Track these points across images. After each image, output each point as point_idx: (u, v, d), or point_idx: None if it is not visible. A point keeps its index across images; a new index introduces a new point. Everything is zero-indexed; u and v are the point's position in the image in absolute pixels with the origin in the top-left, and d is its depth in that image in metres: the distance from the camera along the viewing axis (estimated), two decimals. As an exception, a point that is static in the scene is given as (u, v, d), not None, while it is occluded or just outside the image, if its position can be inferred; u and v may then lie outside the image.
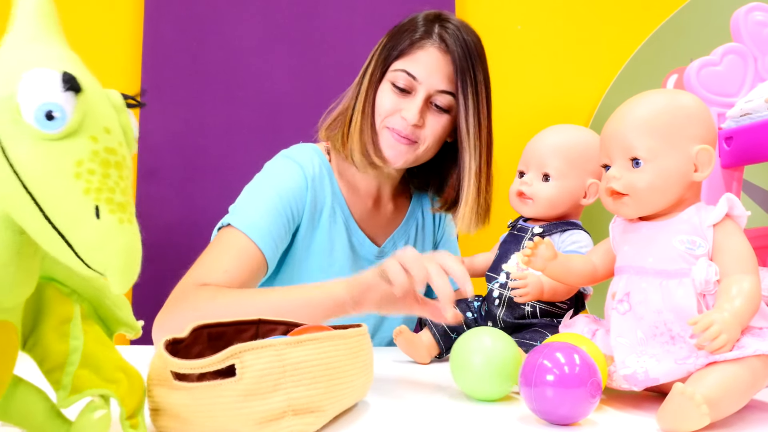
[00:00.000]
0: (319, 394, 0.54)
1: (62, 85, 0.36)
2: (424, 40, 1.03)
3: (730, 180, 1.02)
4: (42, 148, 0.36)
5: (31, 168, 0.36)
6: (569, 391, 0.58)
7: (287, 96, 1.63)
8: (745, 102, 0.97)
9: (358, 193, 1.15)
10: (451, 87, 1.03)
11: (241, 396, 0.49)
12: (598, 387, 0.59)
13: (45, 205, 0.36)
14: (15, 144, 0.36)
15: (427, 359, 0.93)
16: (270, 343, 0.51)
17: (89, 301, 0.49)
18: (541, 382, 0.58)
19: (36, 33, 0.39)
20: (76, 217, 0.36)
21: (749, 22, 1.04)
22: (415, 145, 1.05)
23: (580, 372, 0.58)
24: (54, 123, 0.36)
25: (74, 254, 0.37)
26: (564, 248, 0.88)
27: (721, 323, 0.59)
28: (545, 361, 0.59)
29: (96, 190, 0.37)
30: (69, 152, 0.37)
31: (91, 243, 0.37)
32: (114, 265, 0.37)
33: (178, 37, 1.60)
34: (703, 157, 0.69)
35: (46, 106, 0.36)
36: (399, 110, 1.03)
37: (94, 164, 0.37)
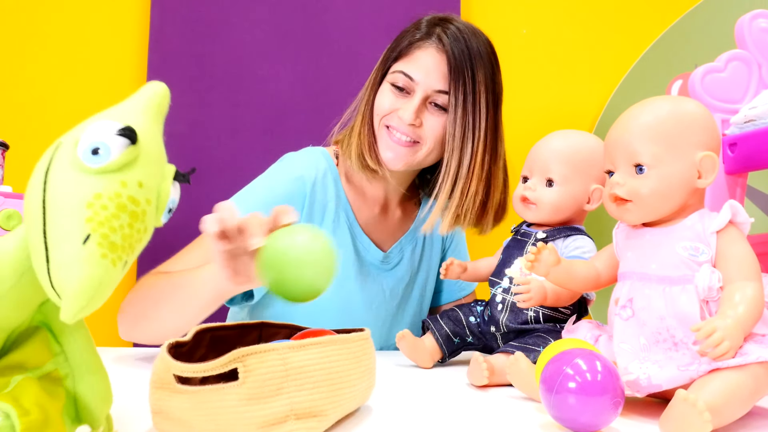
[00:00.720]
0: (322, 399, 0.54)
1: (117, 130, 0.40)
2: (422, 41, 1.03)
3: (734, 186, 1.02)
4: (74, 175, 0.39)
5: (56, 187, 0.39)
6: (592, 398, 0.57)
7: (292, 99, 1.64)
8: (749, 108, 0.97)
9: (365, 198, 1.14)
10: (447, 86, 1.02)
11: (243, 400, 0.49)
12: (621, 394, 0.58)
13: (48, 219, 0.38)
14: (58, 169, 0.39)
15: (429, 363, 0.93)
16: (273, 347, 0.51)
17: (72, 370, 0.46)
18: (563, 389, 0.58)
19: (139, 109, 0.44)
20: (66, 236, 0.38)
21: (754, 29, 1.04)
22: (416, 146, 1.04)
23: (602, 379, 0.57)
24: (95, 158, 0.39)
25: (46, 268, 0.38)
26: (567, 254, 0.88)
27: (724, 330, 0.59)
28: (567, 369, 0.58)
29: (98, 222, 0.38)
30: (94, 185, 0.39)
31: (64, 262, 0.37)
32: (72, 288, 0.37)
33: (184, 40, 1.61)
34: (706, 164, 0.69)
35: (96, 143, 0.39)
36: (397, 110, 1.03)
37: (110, 203, 0.39)
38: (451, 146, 1.02)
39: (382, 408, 0.68)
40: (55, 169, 0.39)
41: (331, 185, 1.10)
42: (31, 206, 0.39)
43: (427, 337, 0.94)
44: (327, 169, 1.11)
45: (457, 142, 1.02)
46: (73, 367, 0.47)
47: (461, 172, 1.03)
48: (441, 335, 0.93)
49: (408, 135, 1.03)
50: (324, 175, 1.10)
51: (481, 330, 0.93)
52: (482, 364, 0.79)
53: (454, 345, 0.94)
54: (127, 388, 0.65)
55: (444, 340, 0.93)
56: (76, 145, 0.39)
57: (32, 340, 0.45)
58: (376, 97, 1.07)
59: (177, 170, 0.46)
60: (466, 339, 0.94)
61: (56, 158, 0.40)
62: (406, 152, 1.04)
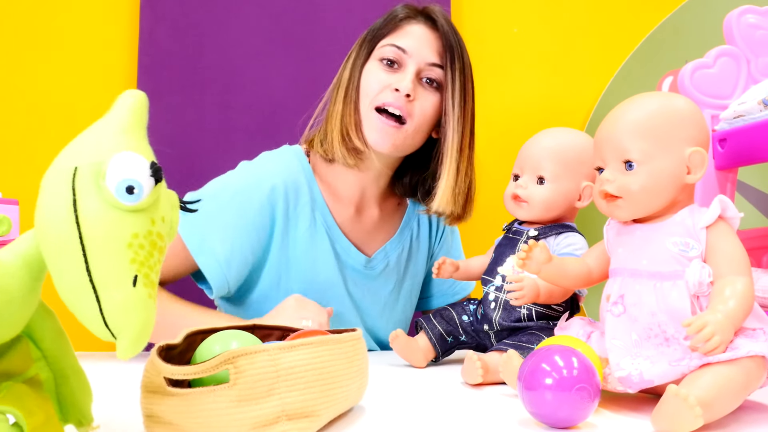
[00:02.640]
0: (314, 399, 0.54)
1: (149, 171, 0.41)
2: (411, 18, 1.04)
3: (725, 181, 1.03)
4: (111, 213, 0.40)
5: (94, 226, 0.39)
6: (568, 394, 0.58)
7: (284, 100, 1.63)
8: (738, 104, 0.97)
9: (340, 199, 1.10)
10: (440, 60, 1.02)
11: (234, 401, 0.49)
12: (597, 390, 0.59)
13: (92, 261, 0.39)
14: (88, 201, 0.39)
15: (423, 363, 0.93)
16: (263, 348, 0.51)
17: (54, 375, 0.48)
18: (539, 385, 0.58)
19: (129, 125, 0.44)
20: (116, 279, 0.39)
21: (742, 24, 1.05)
22: (403, 126, 1.01)
23: (578, 375, 0.58)
24: (131, 197, 0.40)
25: (99, 310, 0.39)
26: (559, 251, 0.89)
27: (715, 324, 0.59)
28: (544, 365, 0.59)
29: (140, 262, 0.40)
30: (131, 224, 0.40)
31: (120, 306, 0.39)
32: (131, 331, 0.40)
33: (174, 41, 1.61)
34: (695, 160, 0.69)
35: (130, 181, 0.40)
36: (389, 84, 1.00)
37: (145, 241, 0.41)
38: (452, 121, 1.02)
39: (376, 408, 0.68)
40: (87, 204, 0.39)
41: (305, 187, 1.06)
42: (62, 240, 0.39)
43: (420, 337, 0.94)
44: (300, 170, 1.07)
45: (457, 118, 1.02)
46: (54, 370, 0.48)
47: (460, 147, 1.03)
48: (434, 334, 0.93)
49: (400, 109, 1.00)
50: (296, 178, 1.06)
51: (474, 329, 0.93)
52: (476, 363, 0.79)
53: (447, 344, 0.94)
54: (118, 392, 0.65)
55: (437, 339, 0.93)
56: (102, 177, 0.40)
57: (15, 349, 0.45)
58: (361, 77, 1.04)
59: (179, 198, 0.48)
60: (459, 338, 0.94)
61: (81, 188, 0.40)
62: (394, 132, 1.01)
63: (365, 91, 1.03)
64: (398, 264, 1.16)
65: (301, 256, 1.06)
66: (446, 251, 1.23)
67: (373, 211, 1.13)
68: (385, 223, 1.15)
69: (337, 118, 1.04)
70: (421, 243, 1.19)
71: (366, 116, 1.02)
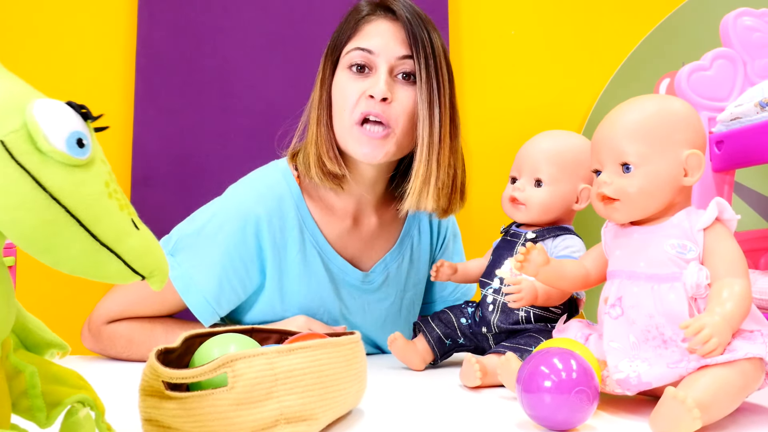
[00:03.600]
0: (312, 402, 0.54)
1: (76, 111, 0.39)
2: (369, 16, 0.98)
3: (722, 184, 1.03)
4: (78, 175, 0.38)
5: (72, 193, 0.38)
6: (567, 396, 0.58)
7: (281, 103, 1.63)
8: (735, 106, 0.97)
9: (334, 212, 1.04)
10: (409, 50, 0.95)
11: (233, 405, 0.49)
12: (595, 392, 0.59)
13: (92, 224, 0.38)
14: (49, 173, 0.37)
15: (421, 366, 0.93)
16: (261, 351, 0.51)
17: (14, 332, 0.47)
18: (538, 388, 0.58)
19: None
20: (121, 231, 0.40)
21: (738, 26, 1.05)
22: (390, 131, 0.95)
23: (577, 378, 0.58)
24: (84, 149, 0.38)
25: (124, 264, 0.40)
26: (557, 253, 0.89)
27: (712, 327, 0.60)
28: (542, 367, 0.59)
29: (125, 206, 0.41)
30: (97, 175, 0.39)
31: (139, 251, 0.40)
32: (159, 267, 0.42)
33: (172, 44, 1.60)
34: (692, 162, 0.70)
35: (76, 134, 0.38)
36: (363, 92, 0.94)
37: (114, 184, 0.41)
38: (422, 114, 0.95)
39: (374, 411, 0.68)
40: (48, 174, 0.37)
41: (291, 210, 1.01)
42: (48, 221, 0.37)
43: (418, 340, 0.94)
44: (287, 192, 1.01)
45: (426, 110, 0.95)
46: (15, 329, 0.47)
47: (433, 139, 0.95)
48: (432, 337, 0.93)
49: (380, 116, 0.93)
50: (281, 204, 1.00)
51: (473, 331, 0.93)
52: (474, 365, 0.79)
53: (445, 347, 0.94)
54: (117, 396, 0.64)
55: (435, 342, 0.93)
56: (39, 139, 0.36)
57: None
58: (332, 93, 0.98)
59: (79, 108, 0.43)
60: (457, 341, 0.94)
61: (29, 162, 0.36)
62: (381, 142, 0.94)
63: (339, 106, 0.97)
64: (398, 275, 1.11)
65: (294, 281, 1.02)
66: (449, 258, 1.18)
67: (371, 220, 1.08)
68: (384, 231, 1.10)
69: (312, 141, 0.98)
70: (422, 251, 1.14)
71: (348, 133, 0.96)
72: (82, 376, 0.48)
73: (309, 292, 1.03)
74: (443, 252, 1.18)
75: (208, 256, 0.98)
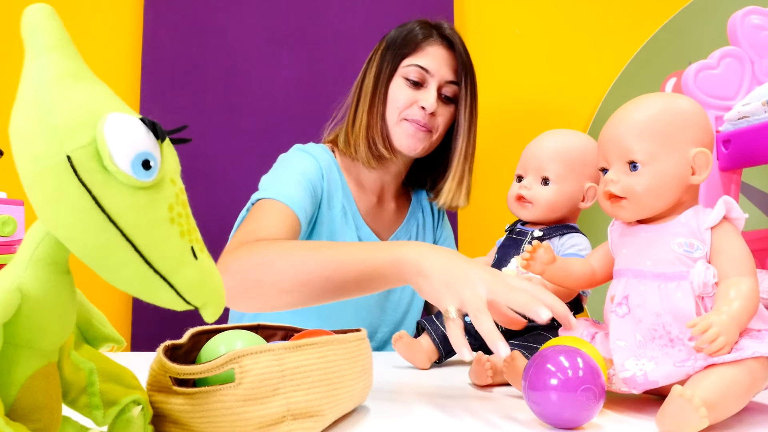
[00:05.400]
0: (318, 399, 0.54)
1: (151, 134, 0.38)
2: (429, 39, 1.16)
3: (729, 183, 1.02)
4: (141, 197, 0.36)
5: (131, 217, 0.36)
6: (573, 395, 0.58)
7: (287, 101, 1.64)
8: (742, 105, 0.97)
9: (364, 189, 1.23)
10: (456, 78, 1.16)
11: (240, 401, 0.49)
12: (602, 390, 0.59)
13: (147, 251, 0.37)
14: (110, 193, 0.36)
15: (426, 364, 0.93)
16: (269, 347, 0.51)
17: (77, 325, 0.47)
18: (544, 386, 0.58)
19: (67, 66, 0.38)
20: (179, 259, 0.38)
21: (746, 25, 1.05)
22: (431, 134, 1.16)
23: (584, 376, 0.58)
24: (150, 172, 0.37)
25: (176, 294, 0.39)
26: (564, 251, 0.89)
27: (720, 325, 0.59)
28: (549, 365, 0.59)
29: (188, 232, 0.39)
30: (162, 198, 0.38)
31: (193, 282, 0.39)
32: (213, 299, 0.41)
33: (178, 42, 1.61)
34: (700, 160, 0.69)
35: (143, 155, 0.36)
36: (416, 101, 1.14)
37: (180, 207, 0.39)
38: (464, 131, 1.18)
39: (379, 408, 0.68)
40: (111, 198, 0.36)
41: (337, 175, 1.19)
42: (103, 243, 0.36)
43: (423, 338, 0.94)
44: (330, 160, 1.19)
45: (467, 127, 1.18)
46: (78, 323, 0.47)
47: (469, 151, 1.20)
48: (437, 335, 0.93)
49: (427, 125, 1.14)
50: (329, 166, 1.17)
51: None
52: (486, 364, 0.79)
53: (450, 345, 0.93)
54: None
55: (440, 340, 0.93)
56: (106, 158, 0.35)
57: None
58: (388, 92, 1.16)
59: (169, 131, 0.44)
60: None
61: (93, 182, 0.35)
62: (424, 137, 1.15)
63: (394, 104, 1.15)
64: None
65: (333, 236, 1.16)
66: (446, 236, 1.35)
67: (390, 204, 1.27)
68: (398, 214, 1.28)
69: (362, 126, 1.16)
70: (426, 230, 1.32)
71: (397, 125, 1.16)
72: (135, 375, 0.48)
73: None
74: (442, 229, 1.36)
75: (287, 175, 1.11)
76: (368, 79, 1.18)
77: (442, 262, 0.70)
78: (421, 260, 0.71)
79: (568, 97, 1.78)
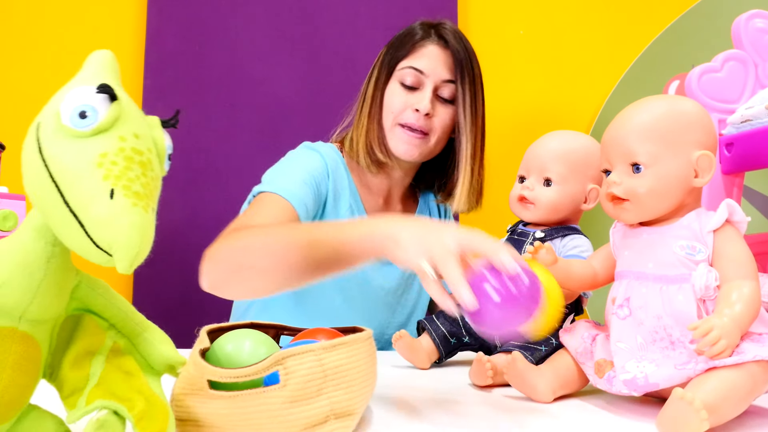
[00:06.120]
0: (355, 397, 0.54)
1: (96, 90, 0.41)
2: (424, 40, 1.13)
3: (731, 186, 1.02)
4: (72, 144, 0.40)
5: (58, 160, 0.39)
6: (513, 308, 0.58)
7: (290, 101, 1.64)
8: (745, 108, 0.97)
9: (371, 191, 1.21)
10: (453, 76, 1.12)
11: (287, 402, 0.49)
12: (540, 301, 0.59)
13: (64, 189, 0.39)
14: (50, 143, 0.40)
15: (426, 364, 0.93)
16: (309, 348, 0.52)
17: (128, 338, 0.49)
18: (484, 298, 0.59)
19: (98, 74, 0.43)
20: (91, 197, 0.39)
21: (750, 29, 1.05)
22: (427, 137, 1.12)
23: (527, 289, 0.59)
24: (86, 121, 0.40)
25: (84, 232, 0.39)
26: (565, 253, 0.89)
27: (721, 328, 0.59)
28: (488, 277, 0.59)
29: (115, 177, 0.39)
30: (95, 146, 0.40)
31: (101, 220, 0.38)
32: (120, 241, 0.38)
33: (181, 42, 1.61)
34: (703, 163, 0.69)
35: (81, 107, 0.40)
36: (410, 105, 1.11)
37: (118, 158, 0.40)
38: (466, 132, 1.14)
39: (381, 409, 0.68)
40: (49, 144, 0.40)
41: (344, 175, 1.17)
42: (38, 186, 0.40)
43: (424, 338, 0.94)
44: (338, 159, 1.17)
45: (469, 128, 1.13)
46: (127, 333, 0.49)
47: (475, 154, 1.15)
48: (438, 335, 0.93)
49: (422, 127, 1.11)
50: (337, 165, 1.16)
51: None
52: (486, 365, 0.79)
53: (451, 345, 0.94)
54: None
55: (441, 340, 0.93)
56: (57, 116, 0.40)
57: (82, 327, 0.47)
58: (384, 96, 1.14)
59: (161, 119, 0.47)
60: (462, 339, 0.94)
61: (43, 135, 0.40)
62: (419, 143, 1.12)
63: (389, 109, 1.13)
64: None
65: None
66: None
67: (397, 206, 1.25)
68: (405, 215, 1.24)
69: (362, 131, 1.15)
70: None
71: (391, 131, 1.13)
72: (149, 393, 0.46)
73: None
74: None
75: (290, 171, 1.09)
76: (369, 84, 1.17)
77: (415, 228, 0.69)
78: (395, 231, 0.70)
79: (571, 98, 1.78)
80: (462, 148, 1.15)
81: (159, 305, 1.51)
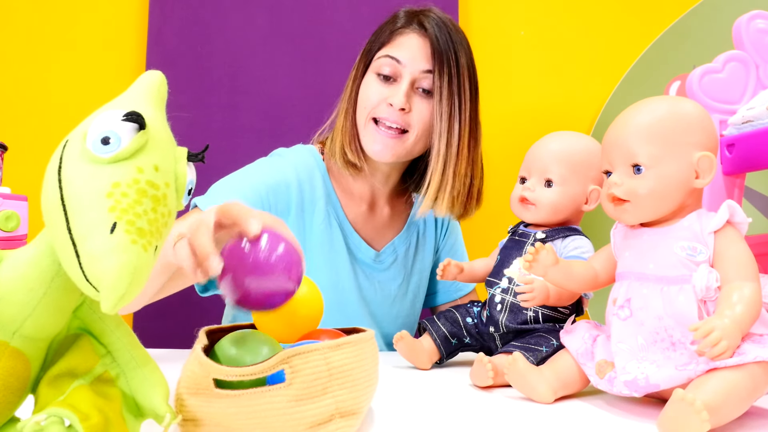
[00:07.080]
0: (359, 396, 0.54)
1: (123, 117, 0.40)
2: (404, 28, 1.04)
3: (732, 187, 1.02)
4: (89, 168, 0.39)
5: (72, 183, 0.39)
6: (268, 275, 0.54)
7: (291, 99, 1.64)
8: (746, 109, 0.97)
9: (353, 196, 1.14)
10: (431, 66, 1.02)
11: (292, 401, 0.49)
12: (298, 271, 0.56)
13: (71, 214, 0.38)
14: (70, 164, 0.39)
15: (427, 365, 0.93)
16: (314, 347, 0.52)
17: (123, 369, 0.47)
18: (239, 269, 0.54)
19: (139, 98, 0.44)
20: (92, 228, 0.38)
21: (751, 29, 1.05)
22: (404, 136, 1.03)
23: (281, 256, 0.55)
24: (107, 147, 0.39)
25: (78, 264, 0.38)
26: (566, 254, 0.89)
27: (722, 329, 0.59)
28: (244, 245, 0.55)
29: (122, 209, 0.38)
30: (111, 174, 0.39)
31: (94, 254, 0.37)
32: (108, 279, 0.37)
33: (182, 41, 1.61)
34: (704, 164, 0.69)
35: (105, 132, 0.39)
36: (385, 98, 1.02)
37: (130, 189, 0.39)
38: (439, 128, 1.02)
39: (382, 409, 0.68)
40: (68, 166, 0.39)
41: (320, 183, 1.09)
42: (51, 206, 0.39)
43: (424, 339, 0.94)
44: (315, 166, 1.10)
45: (444, 124, 1.02)
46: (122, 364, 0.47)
47: (450, 152, 1.03)
48: (439, 336, 0.93)
49: (397, 123, 1.02)
50: (312, 174, 1.09)
51: (479, 331, 0.93)
52: (487, 365, 0.79)
53: (451, 346, 0.94)
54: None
55: (442, 341, 0.93)
56: (84, 138, 0.39)
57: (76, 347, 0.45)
58: (359, 90, 1.06)
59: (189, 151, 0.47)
60: (463, 340, 0.94)
61: (66, 155, 0.40)
62: (394, 143, 1.03)
63: (362, 103, 1.05)
64: (406, 258, 1.19)
65: (316, 249, 1.08)
66: (451, 244, 1.26)
67: (384, 210, 1.17)
68: (394, 220, 1.18)
69: (338, 130, 1.07)
70: (427, 239, 1.22)
71: (365, 128, 1.04)
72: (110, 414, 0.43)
73: (328, 262, 1.08)
74: (447, 238, 1.25)
75: (238, 186, 1.02)
76: (348, 82, 1.09)
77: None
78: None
79: (573, 98, 1.78)
80: (434, 147, 1.03)
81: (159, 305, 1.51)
